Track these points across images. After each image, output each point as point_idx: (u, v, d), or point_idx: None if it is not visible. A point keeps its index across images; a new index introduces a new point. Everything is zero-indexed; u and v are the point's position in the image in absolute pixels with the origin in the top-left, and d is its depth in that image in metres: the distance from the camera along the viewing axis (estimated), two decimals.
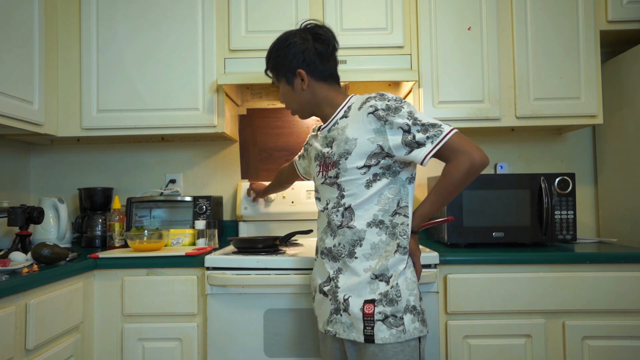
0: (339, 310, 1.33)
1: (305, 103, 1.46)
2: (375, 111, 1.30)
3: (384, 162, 1.31)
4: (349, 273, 1.33)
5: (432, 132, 1.28)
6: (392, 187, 1.33)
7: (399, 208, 1.34)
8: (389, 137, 1.29)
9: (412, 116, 1.29)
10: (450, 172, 1.30)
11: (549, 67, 2.05)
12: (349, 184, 1.34)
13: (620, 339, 1.67)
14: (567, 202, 1.91)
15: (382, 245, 1.32)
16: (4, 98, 1.72)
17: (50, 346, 1.48)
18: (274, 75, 1.50)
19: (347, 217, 1.34)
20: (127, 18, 2.09)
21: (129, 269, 1.75)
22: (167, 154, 2.47)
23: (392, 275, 1.30)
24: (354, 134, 1.33)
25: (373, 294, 1.29)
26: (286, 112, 2.47)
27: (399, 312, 1.28)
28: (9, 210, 1.79)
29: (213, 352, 1.69)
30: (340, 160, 1.34)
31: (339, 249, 1.35)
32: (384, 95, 1.33)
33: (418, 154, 1.28)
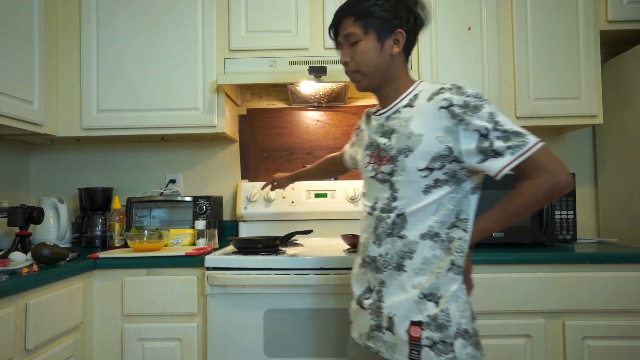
0: (381, 328, 1.20)
1: (383, 70, 1.23)
2: (450, 106, 1.12)
3: (450, 167, 1.14)
4: (394, 288, 1.18)
5: (515, 142, 1.09)
6: (454, 196, 1.16)
7: (457, 220, 1.16)
8: (461, 139, 1.11)
9: (494, 119, 1.10)
10: (528, 191, 1.12)
11: (549, 67, 2.05)
12: (404, 186, 1.17)
13: (620, 339, 1.67)
14: (567, 202, 1.91)
15: (434, 261, 1.15)
16: (4, 98, 1.72)
17: (50, 346, 1.48)
18: (362, 25, 1.20)
19: (398, 225, 1.18)
20: (127, 18, 2.09)
21: (129, 269, 1.75)
22: (167, 154, 2.47)
23: (442, 296, 1.14)
24: (420, 129, 1.15)
25: (420, 315, 1.14)
26: (286, 112, 2.46)
27: (448, 337, 1.12)
28: (9, 210, 1.79)
29: (213, 352, 1.69)
30: (399, 156, 1.17)
31: (386, 260, 1.19)
32: (461, 89, 1.14)
33: (493, 164, 1.10)
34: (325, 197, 2.26)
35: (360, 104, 2.45)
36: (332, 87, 2.14)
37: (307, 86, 2.12)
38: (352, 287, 1.32)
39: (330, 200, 2.25)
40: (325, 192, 2.27)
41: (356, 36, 1.21)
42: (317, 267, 1.66)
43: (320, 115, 2.47)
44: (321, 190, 2.28)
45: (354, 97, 2.45)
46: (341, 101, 2.39)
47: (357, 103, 2.46)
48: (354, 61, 1.24)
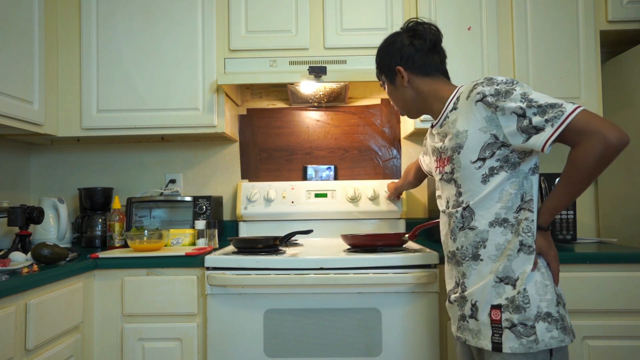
0: (466, 317, 1.27)
1: (409, 100, 1.42)
2: (484, 98, 1.20)
3: (500, 152, 1.20)
4: (474, 276, 1.26)
5: (552, 114, 1.12)
6: (514, 180, 1.21)
7: (523, 203, 1.21)
8: (502, 124, 1.18)
9: (527, 98, 1.15)
10: (578, 158, 1.13)
11: (549, 67, 2.05)
12: (465, 180, 1.26)
13: (620, 339, 1.67)
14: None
15: (507, 245, 1.22)
16: (4, 98, 1.72)
17: (50, 346, 1.48)
18: (378, 75, 1.49)
19: (467, 218, 1.26)
20: (127, 18, 2.09)
21: (129, 269, 1.75)
22: (167, 154, 2.47)
23: (518, 278, 1.19)
24: (464, 125, 1.24)
25: (499, 299, 1.20)
26: (286, 112, 2.47)
27: (528, 320, 1.17)
28: (9, 210, 1.79)
29: (213, 352, 1.69)
30: (454, 155, 1.27)
31: (463, 252, 1.28)
32: (492, 80, 1.22)
33: (537, 140, 1.14)
34: (325, 197, 2.26)
35: (360, 104, 2.45)
36: (332, 87, 2.14)
37: (307, 86, 2.12)
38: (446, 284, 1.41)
39: (330, 200, 2.25)
40: (325, 192, 2.27)
41: (382, 84, 1.50)
42: (317, 267, 1.66)
43: (320, 115, 2.47)
44: (321, 190, 2.28)
45: (354, 97, 2.45)
46: (341, 101, 2.39)
47: (357, 103, 2.46)
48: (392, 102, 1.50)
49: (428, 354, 1.65)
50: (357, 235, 1.90)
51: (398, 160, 2.44)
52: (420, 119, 2.06)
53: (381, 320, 1.66)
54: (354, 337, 1.66)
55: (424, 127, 2.07)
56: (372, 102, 2.45)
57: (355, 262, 1.66)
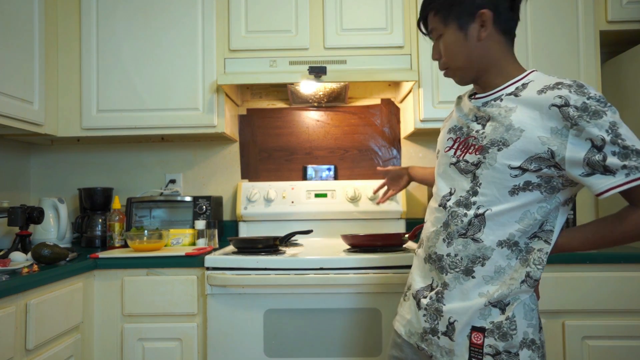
0: (437, 332, 1.11)
1: (476, 59, 1.11)
2: (565, 106, 0.97)
3: (547, 171, 1.02)
4: (457, 292, 1.08)
5: (634, 162, 0.95)
6: (543, 205, 1.05)
7: (540, 231, 1.06)
8: (568, 145, 0.98)
9: (615, 130, 0.95)
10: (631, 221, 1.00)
11: (549, 67, 2.05)
12: (490, 182, 1.05)
13: (620, 339, 1.67)
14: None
15: (508, 271, 1.05)
16: (4, 98, 1.72)
17: (50, 346, 1.48)
18: (441, 17, 1.12)
19: (474, 226, 1.07)
20: (127, 18, 2.09)
21: (129, 269, 1.75)
22: (167, 154, 2.47)
23: (509, 303, 1.05)
24: (523, 123, 1.02)
25: (484, 321, 1.06)
26: (286, 112, 2.47)
27: (513, 347, 1.03)
28: (9, 210, 1.79)
29: (213, 352, 1.69)
30: (491, 148, 1.05)
31: (454, 261, 1.09)
32: (583, 88, 0.99)
33: (599, 182, 0.98)
34: (325, 197, 2.26)
35: (360, 104, 2.45)
36: (332, 87, 2.14)
37: (307, 86, 2.12)
38: (412, 279, 1.22)
39: (330, 200, 2.25)
40: (325, 192, 2.27)
41: (437, 30, 1.14)
42: (317, 267, 1.66)
43: (320, 115, 2.47)
44: (321, 190, 2.28)
45: (354, 97, 2.45)
46: (341, 101, 2.39)
47: (357, 103, 2.46)
48: (443, 56, 1.15)
49: None
50: (357, 235, 1.90)
51: (398, 161, 2.44)
52: (420, 119, 2.06)
53: (381, 320, 1.66)
54: (354, 337, 1.66)
55: (425, 127, 2.07)
56: (372, 102, 2.45)
57: (355, 262, 1.66)
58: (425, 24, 1.18)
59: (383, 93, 2.44)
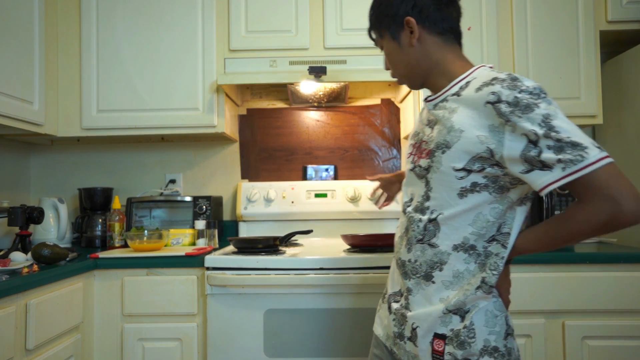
0: (404, 337, 1.11)
1: (415, 64, 1.12)
2: (497, 102, 0.95)
3: (490, 170, 0.99)
4: (420, 297, 1.09)
5: (570, 155, 0.90)
6: (496, 207, 1.02)
7: (498, 234, 1.03)
8: (506, 142, 0.95)
9: (548, 123, 0.92)
10: (578, 218, 0.95)
11: (549, 67, 2.05)
12: (439, 186, 1.05)
13: (620, 339, 1.67)
14: (567, 202, 1.91)
15: (466, 275, 1.04)
16: (4, 98, 1.72)
17: (50, 346, 1.48)
18: (377, 30, 1.17)
19: (430, 232, 1.06)
20: (127, 18, 2.09)
21: (129, 269, 1.75)
22: (167, 154, 2.47)
23: (469, 310, 1.03)
24: (462, 123, 1.00)
25: (444, 328, 1.05)
26: (286, 112, 2.47)
27: (473, 355, 1.01)
28: (9, 210, 1.79)
29: (213, 352, 1.69)
30: (437, 152, 1.04)
31: (415, 267, 1.09)
32: (516, 82, 0.96)
33: (538, 178, 0.93)
34: (325, 197, 2.26)
35: (360, 104, 2.45)
36: (332, 87, 2.14)
37: (307, 86, 2.13)
38: (387, 283, 1.23)
39: (330, 200, 2.25)
40: (325, 192, 2.27)
41: (379, 43, 1.19)
42: (317, 267, 1.66)
43: (320, 115, 2.47)
44: (321, 190, 2.28)
45: (354, 97, 2.45)
46: (341, 101, 2.39)
47: (357, 103, 2.46)
48: (388, 66, 1.19)
49: None
50: (357, 235, 1.90)
51: (398, 161, 2.44)
52: None
53: None
54: (354, 337, 1.66)
55: None
56: (372, 102, 2.45)
57: (355, 262, 1.66)
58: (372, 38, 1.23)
59: (383, 93, 2.44)
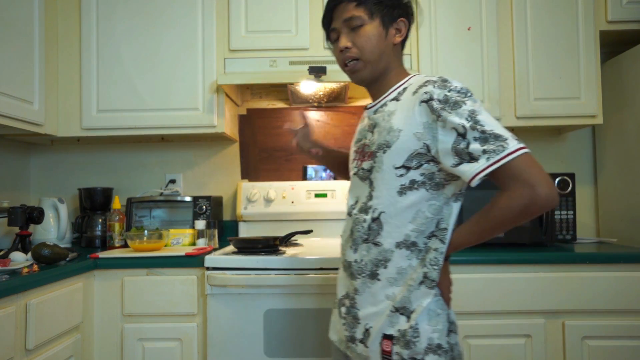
0: (355, 340, 1.14)
1: (384, 58, 1.17)
2: (430, 100, 1.04)
3: (427, 167, 1.06)
4: (367, 296, 1.13)
5: (492, 146, 0.99)
6: (433, 203, 1.08)
7: (437, 230, 1.09)
8: (439, 137, 1.03)
9: (474, 117, 1.00)
10: (501, 205, 1.02)
11: (549, 67, 2.05)
12: (381, 185, 1.11)
13: (620, 339, 1.67)
14: (567, 202, 1.91)
15: (409, 271, 1.09)
16: (4, 98, 1.72)
17: (50, 346, 1.48)
18: (368, 9, 1.15)
19: (374, 231, 1.11)
20: (127, 18, 2.09)
21: (129, 269, 1.75)
22: (167, 154, 2.47)
23: (414, 310, 1.07)
24: (400, 123, 1.08)
25: (392, 329, 1.08)
26: (286, 112, 2.47)
27: (418, 354, 1.06)
28: (9, 210, 1.79)
29: (213, 352, 1.69)
30: (378, 152, 1.11)
31: (360, 266, 1.13)
32: (446, 82, 1.06)
33: (467, 169, 1.00)
34: (325, 197, 2.26)
35: (360, 103, 2.45)
36: (332, 87, 2.14)
37: (307, 86, 2.12)
38: (337, 288, 1.26)
39: (330, 200, 2.25)
40: (325, 192, 2.27)
41: (360, 20, 1.15)
42: (317, 267, 1.66)
43: (320, 115, 2.47)
44: (321, 190, 2.28)
45: (354, 97, 2.45)
46: (341, 101, 2.39)
47: (357, 103, 2.46)
48: (356, 47, 1.16)
49: None
50: None
51: None
52: None
53: None
54: None
55: None
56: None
57: None
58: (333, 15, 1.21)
59: None
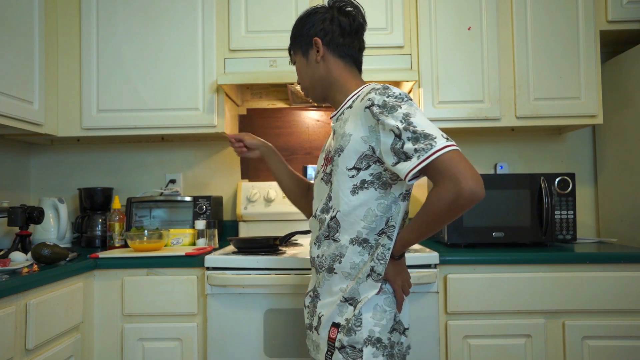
0: (312, 327, 1.26)
1: (317, 79, 1.30)
2: (372, 106, 1.13)
3: (375, 167, 1.15)
4: (325, 287, 1.23)
5: (422, 144, 1.05)
6: (382, 202, 1.16)
7: (386, 227, 1.17)
8: (381, 139, 1.11)
9: (407, 119, 1.08)
10: (431, 200, 1.07)
11: (549, 67, 2.05)
12: (337, 186, 1.19)
13: (620, 339, 1.68)
14: (567, 202, 1.91)
15: (360, 266, 1.17)
16: (4, 98, 1.72)
17: (50, 346, 1.48)
18: (293, 49, 1.36)
19: (333, 229, 1.20)
20: (127, 18, 2.09)
21: (129, 269, 1.75)
22: (167, 154, 2.47)
23: (360, 300, 1.16)
24: (351, 128, 1.17)
25: (340, 318, 1.17)
26: (286, 112, 2.47)
27: (357, 343, 1.13)
28: (9, 210, 1.79)
29: (213, 352, 1.69)
30: (335, 156, 1.21)
31: (321, 261, 1.23)
32: (387, 90, 1.14)
33: (403, 167, 1.07)
34: None
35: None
36: None
37: None
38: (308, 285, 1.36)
39: None
40: None
41: (293, 58, 1.37)
42: None
43: (320, 115, 2.47)
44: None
45: None
46: None
47: None
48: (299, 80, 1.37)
49: (428, 354, 1.65)
50: None
51: None
52: None
53: None
54: None
55: None
56: None
57: None
58: None
59: None
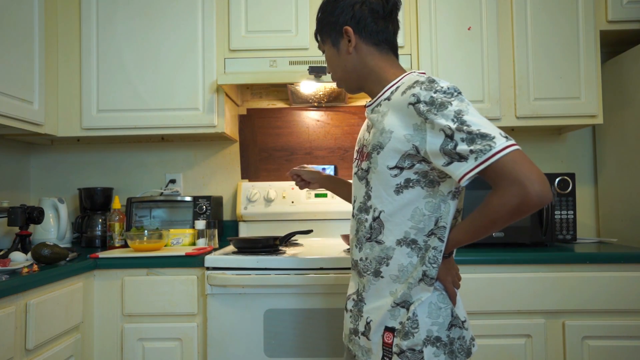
0: (358, 332, 1.18)
1: (351, 70, 1.21)
2: (417, 103, 1.03)
3: (420, 166, 1.07)
4: (372, 291, 1.16)
5: (480, 145, 0.97)
6: (430, 201, 1.09)
7: (436, 228, 1.09)
8: (427, 139, 1.03)
9: (460, 118, 1.00)
10: (491, 204, 1.00)
11: (549, 67, 2.05)
12: (377, 185, 1.12)
13: (620, 339, 1.67)
14: (567, 202, 1.91)
15: (410, 269, 1.10)
16: (4, 98, 1.72)
17: (50, 346, 1.48)
18: (320, 36, 1.26)
19: (375, 230, 1.14)
20: (127, 18, 2.09)
21: (129, 269, 1.75)
22: (167, 154, 2.47)
23: (413, 302, 1.10)
24: (391, 125, 1.09)
25: (394, 322, 1.11)
26: (286, 111, 2.47)
27: (417, 345, 1.08)
28: (9, 210, 1.79)
29: (213, 352, 1.69)
30: (373, 153, 1.12)
31: (365, 265, 1.17)
32: (433, 83, 1.05)
33: (457, 169, 1.00)
34: (325, 197, 2.26)
35: (360, 103, 2.45)
36: (332, 87, 2.14)
37: (307, 86, 2.12)
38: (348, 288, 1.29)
39: (330, 200, 2.25)
40: (325, 192, 2.27)
41: (321, 47, 1.28)
42: (317, 267, 1.66)
43: (320, 115, 2.47)
44: (321, 190, 2.27)
45: (354, 97, 2.45)
46: (341, 101, 2.39)
47: (357, 103, 2.46)
48: (329, 69, 1.28)
49: None
50: None
51: None
52: None
53: None
54: None
55: None
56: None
57: None
58: None
59: None
